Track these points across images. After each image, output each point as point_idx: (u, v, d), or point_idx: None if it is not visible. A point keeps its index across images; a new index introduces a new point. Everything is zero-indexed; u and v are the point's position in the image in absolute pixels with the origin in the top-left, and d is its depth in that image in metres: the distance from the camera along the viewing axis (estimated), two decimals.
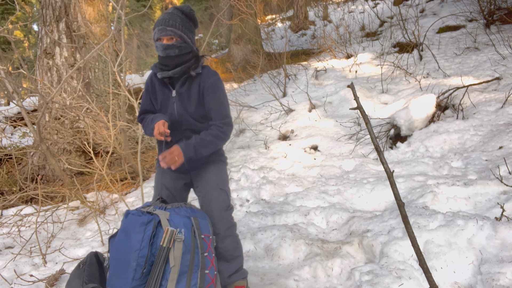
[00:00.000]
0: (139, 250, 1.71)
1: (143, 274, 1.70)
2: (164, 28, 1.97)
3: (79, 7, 5.21)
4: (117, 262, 1.77)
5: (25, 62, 15.13)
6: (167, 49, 1.99)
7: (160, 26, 1.97)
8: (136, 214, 1.82)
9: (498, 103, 4.28)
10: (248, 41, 9.93)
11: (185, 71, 2.06)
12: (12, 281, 2.73)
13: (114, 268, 1.77)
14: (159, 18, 2.02)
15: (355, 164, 4.19)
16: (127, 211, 1.87)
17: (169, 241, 1.74)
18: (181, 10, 2.05)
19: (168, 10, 2.07)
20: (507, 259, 2.08)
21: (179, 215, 1.86)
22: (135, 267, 1.69)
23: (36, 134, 4.11)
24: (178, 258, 1.73)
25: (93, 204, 3.86)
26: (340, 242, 2.65)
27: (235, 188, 3.95)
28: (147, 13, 17.55)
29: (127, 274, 1.70)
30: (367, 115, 1.82)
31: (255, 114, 6.23)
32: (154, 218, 1.79)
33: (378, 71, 6.55)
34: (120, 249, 1.77)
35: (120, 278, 1.72)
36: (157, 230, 1.77)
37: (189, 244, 1.79)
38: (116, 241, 1.83)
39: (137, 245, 1.72)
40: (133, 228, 1.76)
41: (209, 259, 1.84)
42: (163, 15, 2.02)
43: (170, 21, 1.98)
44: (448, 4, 8.64)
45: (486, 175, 3.17)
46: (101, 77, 5.40)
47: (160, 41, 2.01)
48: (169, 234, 1.75)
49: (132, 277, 1.69)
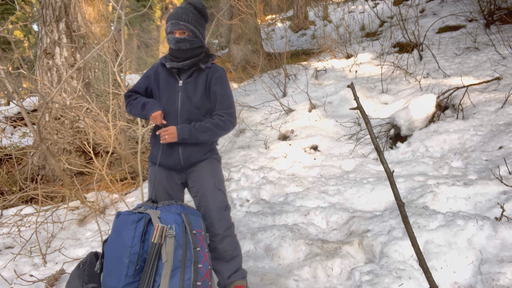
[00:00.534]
0: (131, 247, 1.74)
1: (136, 270, 1.72)
2: (177, 22, 2.03)
3: (79, 7, 5.21)
4: (110, 261, 1.79)
5: (25, 62, 15.14)
6: (179, 42, 2.06)
7: (173, 20, 2.04)
8: (127, 214, 1.86)
9: (498, 103, 4.28)
10: (248, 41, 9.93)
11: (195, 63, 2.13)
12: (12, 281, 2.73)
13: (108, 267, 1.79)
14: (172, 12, 2.08)
15: (355, 164, 4.19)
16: (118, 212, 1.90)
17: (160, 237, 1.76)
18: (194, 5, 2.11)
19: (181, 5, 2.13)
20: (507, 259, 2.08)
21: (169, 212, 1.88)
22: (127, 264, 1.72)
23: (36, 134, 4.11)
24: (170, 254, 1.75)
25: (93, 204, 3.86)
26: (340, 242, 2.65)
27: (235, 188, 3.95)
28: (147, 13, 17.55)
29: (120, 272, 1.72)
30: (367, 115, 1.82)
31: (255, 114, 6.23)
32: (145, 216, 1.83)
33: (378, 71, 6.55)
34: (113, 248, 1.80)
35: (114, 276, 1.74)
36: (148, 227, 1.81)
37: (181, 239, 1.80)
38: (108, 241, 1.86)
39: (128, 242, 1.75)
40: (124, 226, 1.80)
41: (202, 254, 1.85)
42: (177, 9, 2.08)
43: (183, 16, 2.04)
44: (448, 4, 8.64)
45: (486, 175, 3.17)
46: (101, 77, 5.40)
47: (172, 34, 2.07)
48: (159, 230, 1.77)
49: (125, 274, 1.71)
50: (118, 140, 4.30)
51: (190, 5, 2.10)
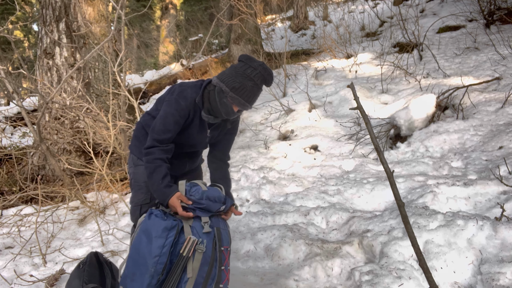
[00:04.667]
0: (159, 256, 1.66)
1: (158, 281, 1.66)
2: (247, 106, 1.90)
3: (79, 7, 5.21)
4: (135, 264, 1.71)
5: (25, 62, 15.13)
6: (233, 114, 1.95)
7: (245, 102, 1.88)
8: (160, 217, 1.76)
9: (498, 103, 4.28)
10: (248, 41, 9.93)
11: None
12: (12, 281, 2.73)
13: (131, 270, 1.72)
14: (250, 91, 1.88)
15: (355, 164, 4.19)
16: (150, 210, 1.81)
17: (190, 251, 1.69)
18: (268, 83, 1.95)
19: (260, 82, 1.91)
20: (507, 259, 2.08)
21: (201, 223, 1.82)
22: (152, 274, 1.65)
23: (36, 134, 4.11)
24: (196, 270, 1.69)
25: (93, 204, 3.86)
26: (340, 242, 2.65)
27: (235, 188, 3.95)
28: (147, 13, 17.53)
29: (143, 279, 1.66)
30: (367, 115, 1.82)
31: (255, 114, 6.23)
32: (178, 224, 1.75)
33: (378, 71, 6.55)
34: (140, 251, 1.71)
35: (135, 282, 1.68)
36: (179, 236, 1.74)
37: (209, 256, 1.75)
38: (135, 242, 1.77)
39: (157, 251, 1.67)
40: (155, 231, 1.70)
41: (225, 273, 1.80)
42: (255, 90, 1.89)
43: (254, 102, 1.94)
44: (448, 4, 8.64)
45: (486, 175, 3.16)
46: (101, 77, 5.40)
47: (232, 106, 1.92)
48: (190, 244, 1.70)
49: (148, 283, 1.65)
50: (118, 140, 4.30)
51: (263, 83, 1.93)
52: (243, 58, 1.92)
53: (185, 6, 19.12)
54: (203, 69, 10.39)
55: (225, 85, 1.87)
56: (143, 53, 18.34)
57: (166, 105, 1.95)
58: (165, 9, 20.37)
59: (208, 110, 1.96)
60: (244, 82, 1.85)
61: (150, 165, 1.87)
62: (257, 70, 1.87)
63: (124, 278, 1.73)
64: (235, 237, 2.93)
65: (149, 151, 1.89)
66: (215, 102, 1.91)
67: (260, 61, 1.92)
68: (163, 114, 1.92)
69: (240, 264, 2.68)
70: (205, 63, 10.50)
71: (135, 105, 4.06)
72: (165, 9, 20.33)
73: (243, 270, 2.60)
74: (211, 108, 1.94)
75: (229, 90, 1.86)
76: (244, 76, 1.86)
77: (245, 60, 1.91)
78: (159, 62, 17.86)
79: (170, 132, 1.91)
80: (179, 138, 1.98)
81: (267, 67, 1.92)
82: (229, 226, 1.98)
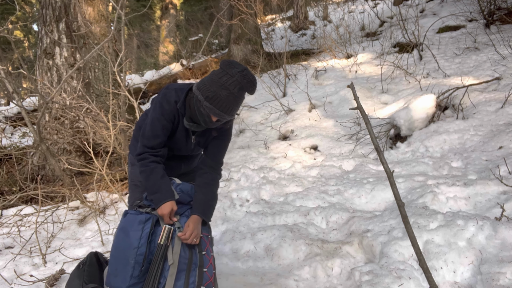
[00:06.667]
0: (138, 248, 1.73)
1: (141, 271, 1.72)
2: (223, 115, 1.78)
3: (79, 7, 5.21)
4: (116, 260, 1.77)
5: (25, 62, 15.13)
6: (212, 124, 1.86)
7: (220, 112, 1.76)
8: (134, 213, 1.84)
9: (498, 103, 4.28)
10: (248, 41, 9.92)
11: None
12: (12, 281, 2.73)
13: (113, 267, 1.78)
14: (225, 100, 1.74)
15: (355, 164, 4.19)
16: (125, 210, 1.90)
17: (167, 239, 1.76)
18: (248, 91, 1.82)
19: (238, 91, 1.77)
20: (507, 259, 2.08)
21: (177, 214, 1.88)
22: (133, 265, 1.71)
23: (36, 134, 4.11)
24: (176, 256, 1.75)
25: (93, 204, 3.86)
26: (340, 242, 2.65)
27: (235, 188, 3.95)
28: (147, 13, 17.53)
29: (125, 272, 1.72)
30: (367, 115, 1.82)
31: (255, 114, 6.23)
32: (152, 217, 1.82)
33: (378, 71, 6.55)
34: (119, 247, 1.79)
35: (118, 276, 1.73)
36: (155, 228, 1.81)
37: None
38: (114, 240, 1.84)
39: (135, 243, 1.74)
40: (131, 226, 1.78)
41: (207, 258, 1.85)
42: (230, 100, 1.75)
43: (233, 111, 1.80)
44: (448, 4, 8.64)
45: (486, 175, 3.16)
46: (101, 77, 5.39)
47: (209, 115, 1.82)
48: (166, 232, 1.77)
49: (131, 275, 1.71)
50: (118, 140, 4.30)
51: (243, 91, 1.80)
52: (222, 64, 1.79)
53: (185, 6, 19.10)
54: (203, 69, 10.39)
55: (201, 94, 1.77)
56: (143, 53, 18.34)
57: (152, 109, 1.93)
58: (165, 9, 20.37)
59: (191, 118, 1.90)
60: (218, 91, 1.73)
61: (146, 168, 1.88)
62: (234, 77, 1.73)
63: (108, 277, 1.79)
64: (235, 237, 2.94)
65: (141, 157, 1.91)
66: (195, 111, 1.84)
67: (242, 66, 1.78)
68: (150, 120, 1.90)
69: (240, 264, 2.68)
70: (205, 63, 10.50)
71: (135, 105, 4.06)
72: (165, 9, 20.32)
73: (243, 270, 2.60)
74: (192, 116, 1.89)
75: (203, 99, 1.76)
76: (218, 84, 1.74)
77: (223, 66, 1.78)
78: (159, 62, 17.83)
79: (159, 137, 1.90)
80: (168, 142, 1.97)
81: (248, 73, 1.78)
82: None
